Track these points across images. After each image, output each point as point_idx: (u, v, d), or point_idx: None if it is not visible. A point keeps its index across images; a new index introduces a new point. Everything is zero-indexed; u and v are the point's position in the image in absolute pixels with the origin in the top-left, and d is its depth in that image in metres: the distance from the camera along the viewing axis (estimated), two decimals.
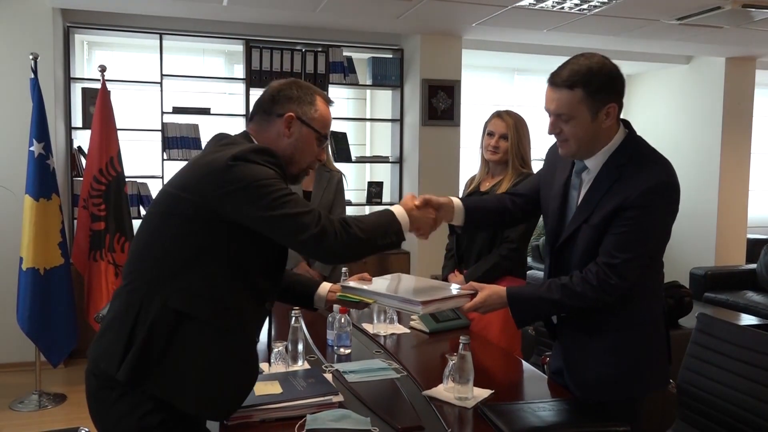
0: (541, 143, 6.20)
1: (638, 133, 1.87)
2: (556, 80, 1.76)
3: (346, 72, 5.23)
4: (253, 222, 1.54)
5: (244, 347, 1.63)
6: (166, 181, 4.86)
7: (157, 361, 1.50)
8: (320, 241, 1.55)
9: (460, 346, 1.86)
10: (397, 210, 1.77)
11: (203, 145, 5.18)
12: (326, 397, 1.77)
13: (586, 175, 1.87)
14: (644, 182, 1.73)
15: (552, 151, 2.05)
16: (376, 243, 1.67)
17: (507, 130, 2.80)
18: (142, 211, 4.81)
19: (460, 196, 3.01)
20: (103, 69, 4.20)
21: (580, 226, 1.84)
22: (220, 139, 1.69)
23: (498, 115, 2.86)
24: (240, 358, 1.61)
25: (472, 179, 3.02)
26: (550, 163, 2.04)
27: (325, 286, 2.04)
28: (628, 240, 1.75)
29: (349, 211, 4.25)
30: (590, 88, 1.71)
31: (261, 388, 1.79)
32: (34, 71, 3.89)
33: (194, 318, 1.52)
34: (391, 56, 5.43)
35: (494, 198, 2.22)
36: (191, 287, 1.53)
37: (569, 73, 1.73)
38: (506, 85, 6.47)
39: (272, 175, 1.55)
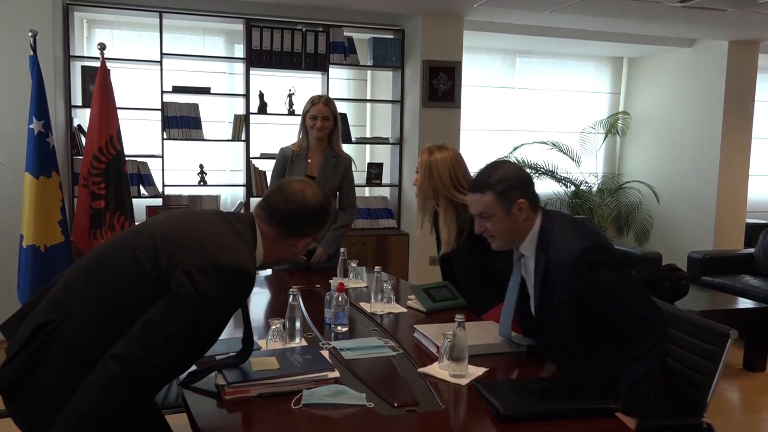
0: (550, 124, 6.23)
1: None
2: (471, 187, 2.06)
3: (346, 52, 5.21)
4: (155, 311, 1.50)
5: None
6: (165, 160, 4.83)
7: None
8: (123, 379, 1.44)
9: (456, 324, 1.88)
10: None
11: (203, 124, 5.10)
12: (322, 373, 1.80)
13: (525, 260, 2.09)
14: (570, 254, 1.90)
15: None
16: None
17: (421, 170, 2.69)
18: (142, 190, 4.81)
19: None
20: (102, 47, 4.19)
21: (551, 311, 2.02)
22: (228, 217, 1.74)
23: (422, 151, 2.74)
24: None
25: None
26: None
27: None
28: (617, 300, 1.90)
29: None
30: (498, 190, 1.98)
31: (258, 364, 1.81)
32: (34, 49, 3.87)
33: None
34: (392, 37, 5.40)
35: None
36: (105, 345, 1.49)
37: (480, 180, 2.03)
38: (508, 67, 6.43)
39: (216, 317, 1.56)
